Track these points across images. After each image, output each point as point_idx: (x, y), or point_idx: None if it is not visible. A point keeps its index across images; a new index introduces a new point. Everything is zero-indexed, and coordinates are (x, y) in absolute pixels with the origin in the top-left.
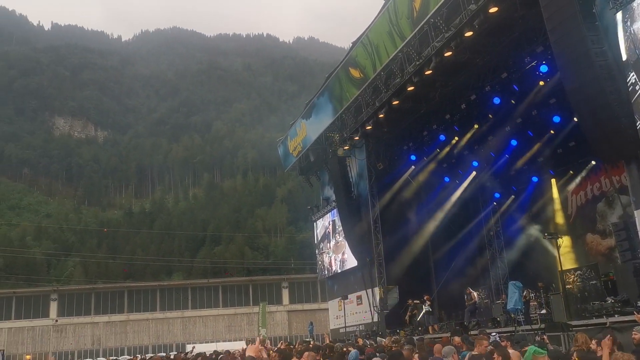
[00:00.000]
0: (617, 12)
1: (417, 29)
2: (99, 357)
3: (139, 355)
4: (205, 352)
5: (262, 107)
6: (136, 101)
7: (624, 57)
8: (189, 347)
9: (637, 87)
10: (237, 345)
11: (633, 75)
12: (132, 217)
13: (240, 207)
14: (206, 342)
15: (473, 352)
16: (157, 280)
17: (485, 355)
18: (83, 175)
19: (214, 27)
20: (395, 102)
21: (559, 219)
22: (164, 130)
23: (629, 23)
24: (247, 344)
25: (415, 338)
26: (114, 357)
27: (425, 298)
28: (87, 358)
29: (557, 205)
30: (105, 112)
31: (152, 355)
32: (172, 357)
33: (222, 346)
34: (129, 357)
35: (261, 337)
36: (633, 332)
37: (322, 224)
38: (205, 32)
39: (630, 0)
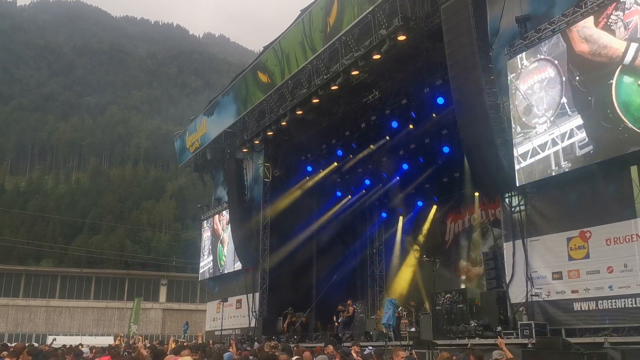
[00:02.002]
0: (510, 59)
1: (329, 44)
2: None
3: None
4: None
5: (163, 97)
6: (24, 72)
7: (511, 104)
8: (49, 339)
9: (519, 136)
10: (104, 341)
11: (517, 126)
12: (3, 194)
13: (126, 197)
14: (71, 335)
15: None
16: (24, 265)
17: None
18: None
19: (121, 7)
20: (299, 112)
21: (437, 243)
22: (52, 106)
23: (514, 75)
24: (115, 340)
25: (292, 345)
26: None
27: (347, 303)
28: None
29: (437, 230)
30: None
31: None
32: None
33: (87, 340)
34: None
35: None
36: (493, 355)
37: (210, 224)
38: (111, 11)
39: (521, 51)
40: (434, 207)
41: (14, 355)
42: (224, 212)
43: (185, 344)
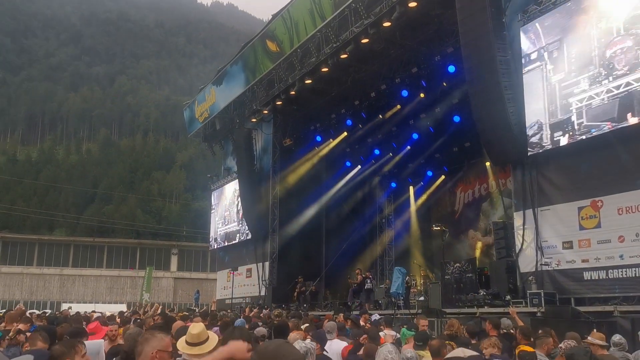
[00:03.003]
0: (524, 25)
1: (338, 11)
2: None
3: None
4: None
5: (171, 67)
6: (33, 42)
7: (524, 70)
8: (64, 306)
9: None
10: (117, 308)
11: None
12: (15, 164)
13: (136, 167)
14: (84, 303)
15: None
16: (37, 234)
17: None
18: None
19: None
20: (308, 81)
21: (447, 213)
22: (61, 77)
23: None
24: (128, 307)
25: (301, 313)
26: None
27: (367, 275)
28: None
29: (446, 200)
30: None
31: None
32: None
33: (101, 308)
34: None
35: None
36: (502, 322)
37: (220, 194)
38: None
39: (536, 17)
40: (444, 176)
41: (27, 322)
42: (234, 182)
43: (197, 311)
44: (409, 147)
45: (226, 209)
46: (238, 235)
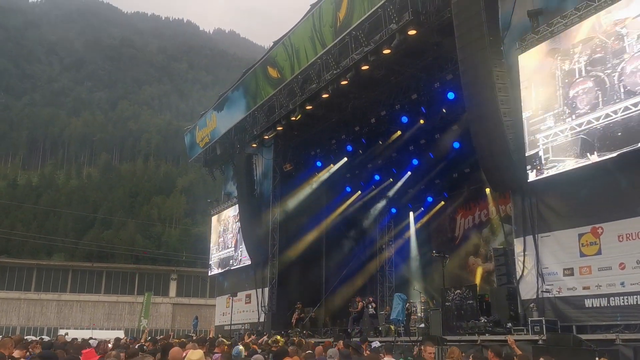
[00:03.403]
0: (522, 53)
1: (339, 38)
2: None
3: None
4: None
5: (173, 93)
6: (37, 67)
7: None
8: (61, 333)
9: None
10: (115, 334)
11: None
12: (16, 189)
13: (137, 192)
14: (82, 329)
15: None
16: (36, 258)
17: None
18: None
19: (132, 3)
20: (309, 107)
21: (447, 239)
22: (64, 102)
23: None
24: (125, 334)
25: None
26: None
27: (369, 300)
28: None
29: (447, 226)
30: None
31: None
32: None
33: (98, 334)
34: None
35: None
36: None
37: (220, 219)
38: (122, 7)
39: (533, 45)
40: (444, 202)
41: (23, 348)
42: (234, 207)
43: (194, 338)
44: (409, 173)
45: (220, 235)
46: (231, 261)
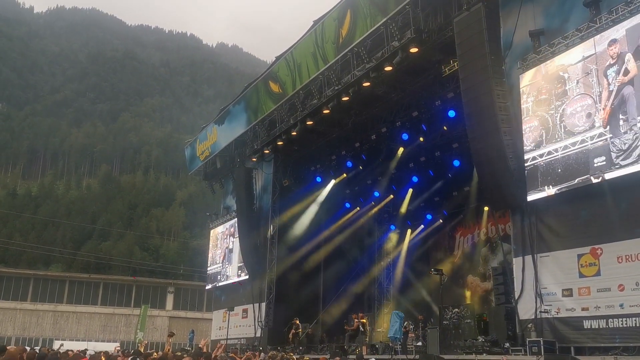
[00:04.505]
0: (523, 73)
1: (341, 55)
2: None
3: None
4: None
5: (175, 106)
6: (39, 78)
7: (523, 116)
8: (57, 344)
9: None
10: (110, 346)
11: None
12: (15, 198)
13: (136, 204)
14: (77, 340)
15: None
16: (33, 269)
17: None
18: None
19: (136, 16)
20: (310, 123)
21: (445, 257)
22: (65, 113)
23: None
24: (121, 346)
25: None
26: None
27: (352, 317)
28: None
29: (445, 244)
30: (2, 83)
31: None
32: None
33: (94, 346)
34: None
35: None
36: None
37: (219, 233)
38: (126, 19)
39: (534, 65)
40: (443, 220)
41: None
42: (233, 221)
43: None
44: (408, 190)
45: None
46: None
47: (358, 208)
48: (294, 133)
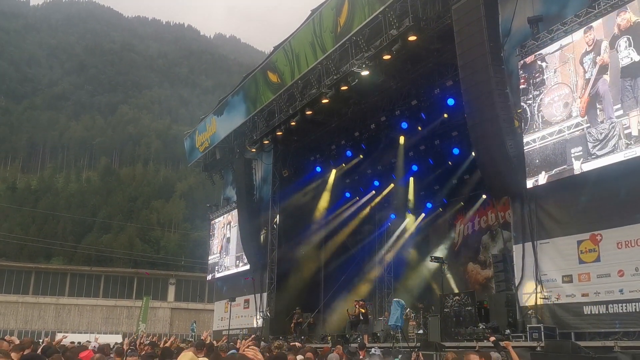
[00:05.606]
0: (521, 59)
1: (339, 44)
2: None
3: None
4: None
5: (173, 97)
6: (37, 71)
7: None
8: (59, 336)
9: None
10: (112, 339)
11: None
12: (15, 192)
13: (136, 196)
14: (80, 333)
15: None
16: (34, 262)
17: None
18: None
19: (133, 7)
20: (309, 112)
21: (446, 245)
22: (64, 105)
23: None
24: (123, 338)
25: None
26: None
27: (354, 304)
28: None
29: (446, 232)
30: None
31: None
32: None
33: (96, 338)
34: None
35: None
36: (491, 356)
37: (219, 224)
38: (123, 11)
39: (533, 52)
40: (443, 208)
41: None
42: (233, 212)
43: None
44: (407, 179)
45: (225, 239)
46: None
47: (357, 197)
48: (293, 123)
